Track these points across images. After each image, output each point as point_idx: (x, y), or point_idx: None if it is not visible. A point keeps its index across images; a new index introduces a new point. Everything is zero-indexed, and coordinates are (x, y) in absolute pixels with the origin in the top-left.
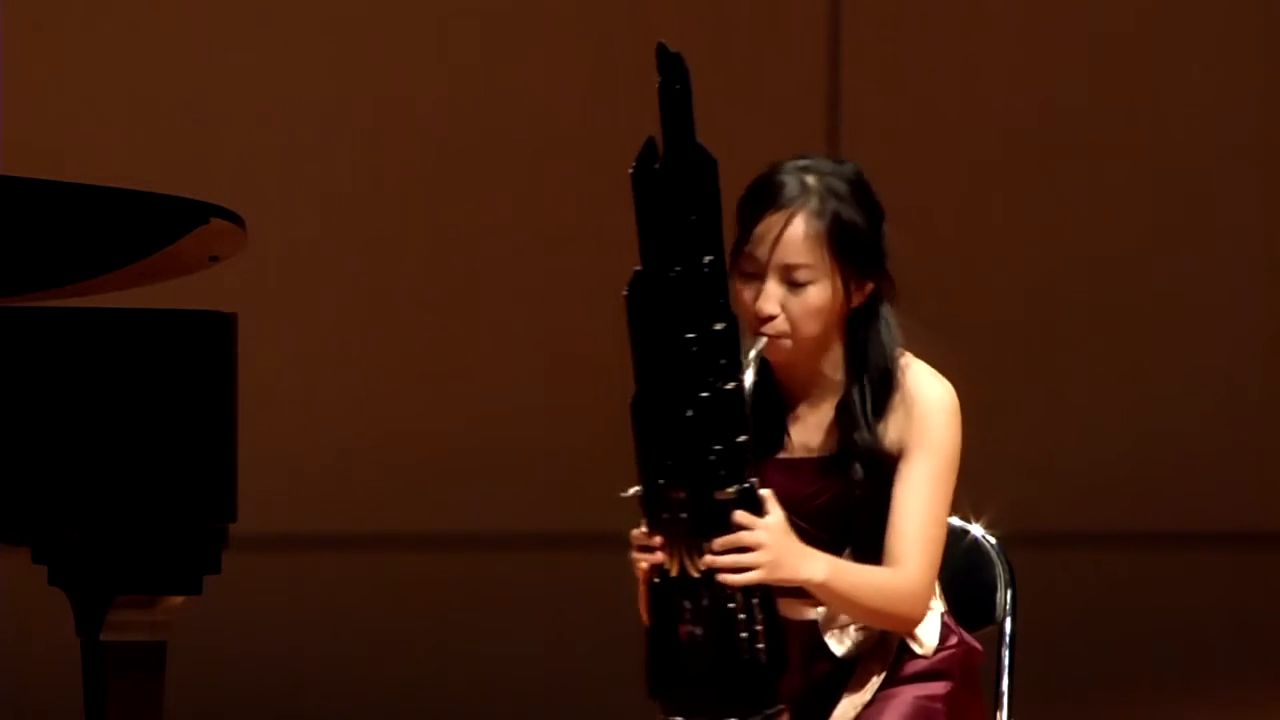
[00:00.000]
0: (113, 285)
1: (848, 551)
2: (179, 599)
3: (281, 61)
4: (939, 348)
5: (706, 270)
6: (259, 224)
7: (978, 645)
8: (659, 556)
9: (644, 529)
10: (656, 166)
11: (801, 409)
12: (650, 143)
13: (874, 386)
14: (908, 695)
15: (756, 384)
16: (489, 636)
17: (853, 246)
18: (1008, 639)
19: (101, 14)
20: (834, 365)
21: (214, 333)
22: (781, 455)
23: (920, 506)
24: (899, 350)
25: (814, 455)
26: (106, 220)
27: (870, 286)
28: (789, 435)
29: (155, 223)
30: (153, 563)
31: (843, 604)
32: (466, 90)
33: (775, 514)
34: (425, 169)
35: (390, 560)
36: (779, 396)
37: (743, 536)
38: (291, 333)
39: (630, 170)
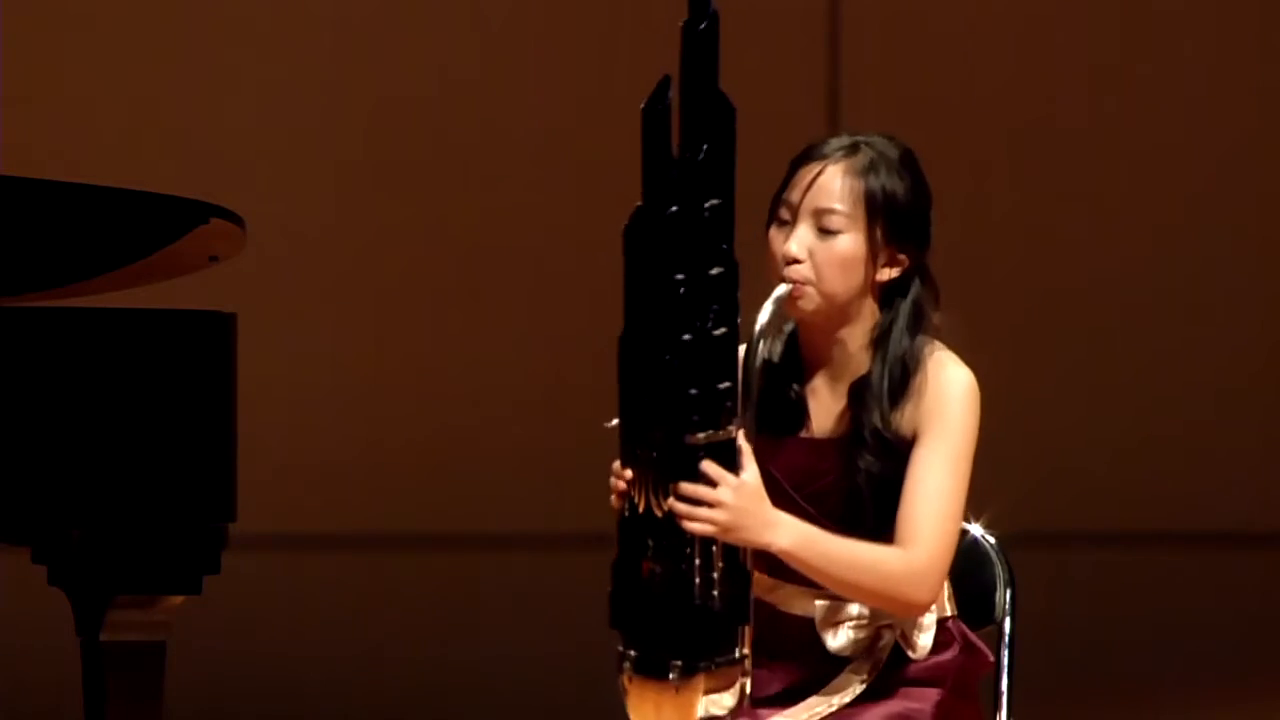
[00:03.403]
0: (113, 285)
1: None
2: (179, 599)
3: (281, 61)
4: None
5: (708, 214)
6: (259, 224)
7: (987, 653)
8: (621, 486)
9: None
10: (665, 105)
11: (823, 388)
12: (665, 80)
13: (891, 368)
14: (894, 702)
15: (782, 358)
16: (489, 636)
17: (889, 210)
18: (1007, 639)
19: (101, 14)
20: (858, 341)
21: (214, 333)
22: (802, 434)
23: (933, 488)
24: (927, 339)
25: (829, 436)
26: (106, 220)
27: (904, 262)
28: (809, 414)
29: (155, 223)
30: (152, 563)
31: (820, 576)
32: (466, 90)
33: (750, 471)
34: (424, 168)
35: (390, 560)
36: (803, 373)
37: (701, 491)
38: (291, 333)
39: (642, 106)
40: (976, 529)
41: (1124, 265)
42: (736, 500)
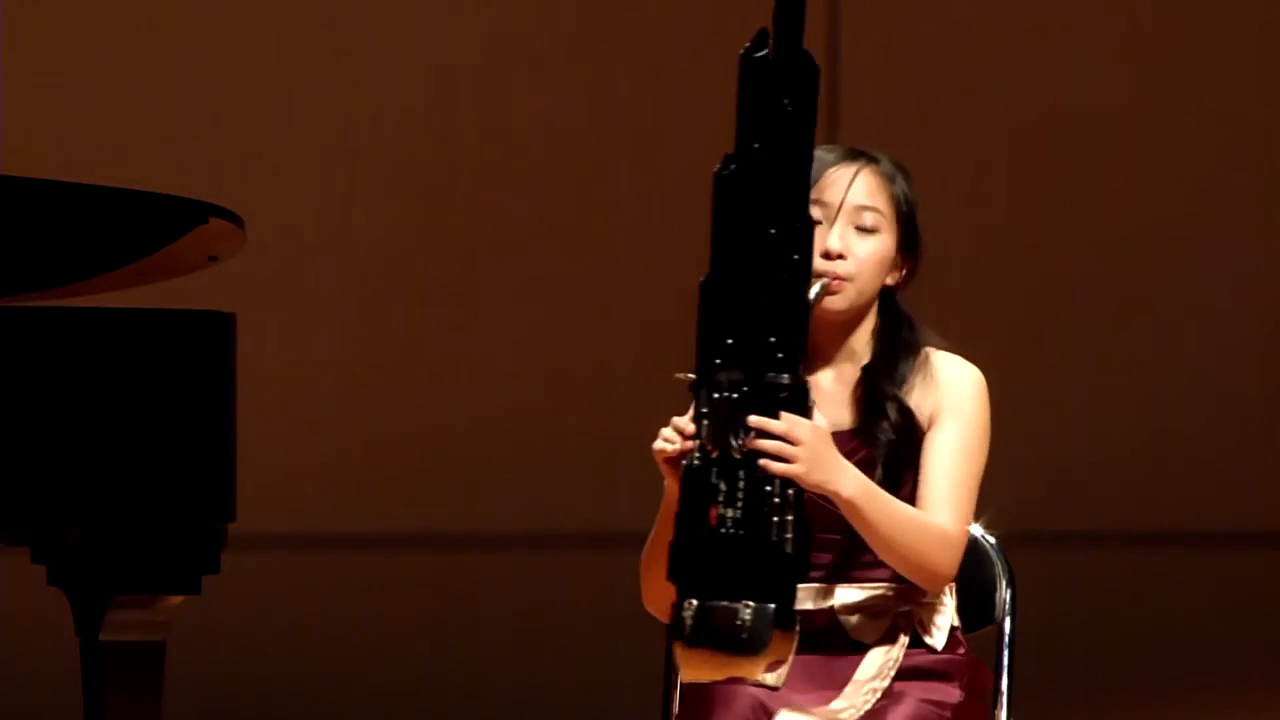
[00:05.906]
0: (113, 285)
1: None
2: (178, 599)
3: (281, 62)
4: (937, 346)
5: (794, 165)
6: (259, 224)
7: (989, 672)
8: (685, 439)
9: (688, 415)
10: (764, 55)
11: (829, 386)
12: (763, 32)
13: (897, 357)
14: (914, 698)
15: None
16: (488, 636)
17: (909, 217)
18: (1007, 638)
19: (101, 14)
20: (861, 340)
21: (214, 333)
22: None
23: (951, 465)
24: (927, 339)
25: (842, 429)
26: (106, 220)
27: (908, 268)
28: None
29: (155, 223)
30: (152, 562)
31: (870, 530)
32: (466, 91)
33: (820, 421)
34: (424, 168)
35: (390, 560)
36: (807, 376)
37: (789, 428)
38: (291, 333)
39: (739, 54)
40: (976, 529)
41: (1124, 265)
42: (814, 441)
